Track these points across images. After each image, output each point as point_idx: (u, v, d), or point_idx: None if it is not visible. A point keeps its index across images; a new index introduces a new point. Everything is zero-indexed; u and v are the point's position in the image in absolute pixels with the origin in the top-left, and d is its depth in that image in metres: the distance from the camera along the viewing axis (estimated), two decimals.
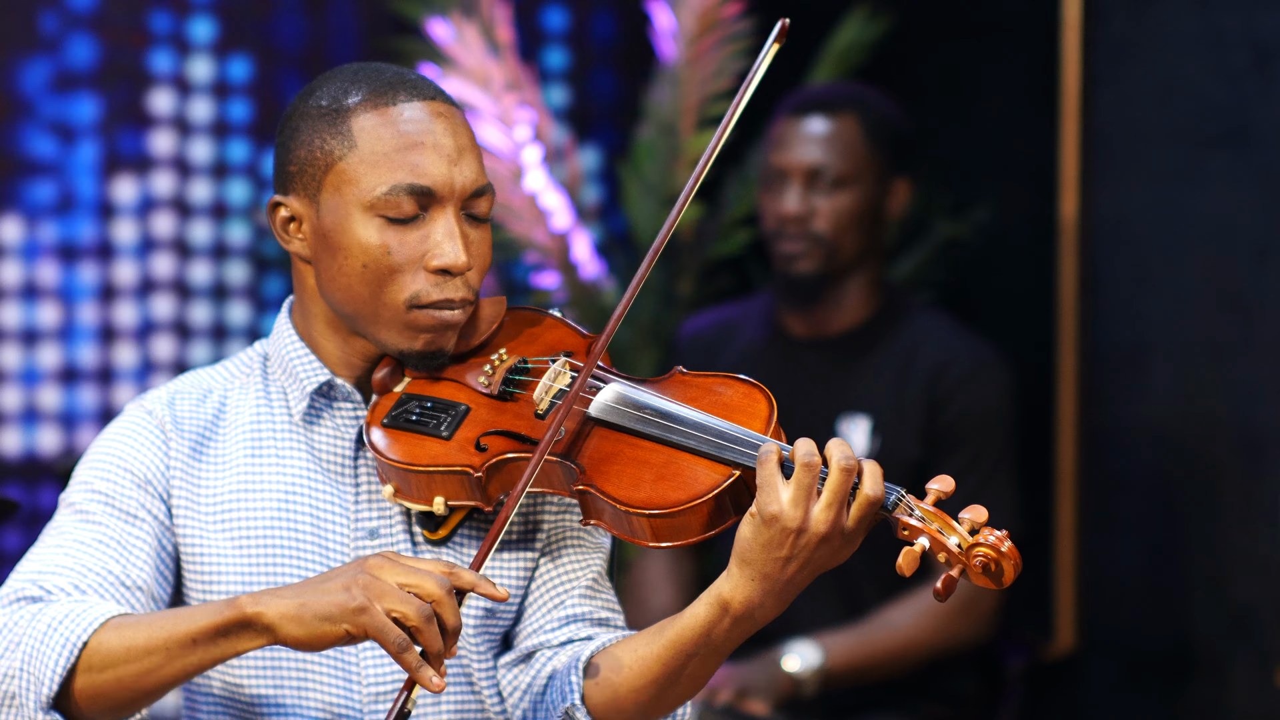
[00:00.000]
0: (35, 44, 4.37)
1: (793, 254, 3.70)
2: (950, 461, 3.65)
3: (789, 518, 2.03)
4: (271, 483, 2.26)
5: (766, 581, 2.06)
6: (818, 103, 3.72)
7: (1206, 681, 4.00)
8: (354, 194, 2.19)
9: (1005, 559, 2.05)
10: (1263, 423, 3.88)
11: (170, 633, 2.01)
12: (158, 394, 2.31)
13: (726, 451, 2.10)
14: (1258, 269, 3.90)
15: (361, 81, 2.22)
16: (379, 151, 2.18)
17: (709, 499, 2.09)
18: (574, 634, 2.28)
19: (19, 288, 4.39)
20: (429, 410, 2.23)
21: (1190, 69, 4.00)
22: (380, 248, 2.18)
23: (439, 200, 2.20)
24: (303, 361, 2.28)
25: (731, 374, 2.21)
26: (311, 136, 2.22)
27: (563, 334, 2.31)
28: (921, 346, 3.70)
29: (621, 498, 2.11)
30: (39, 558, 2.18)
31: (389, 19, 4.51)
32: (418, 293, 2.20)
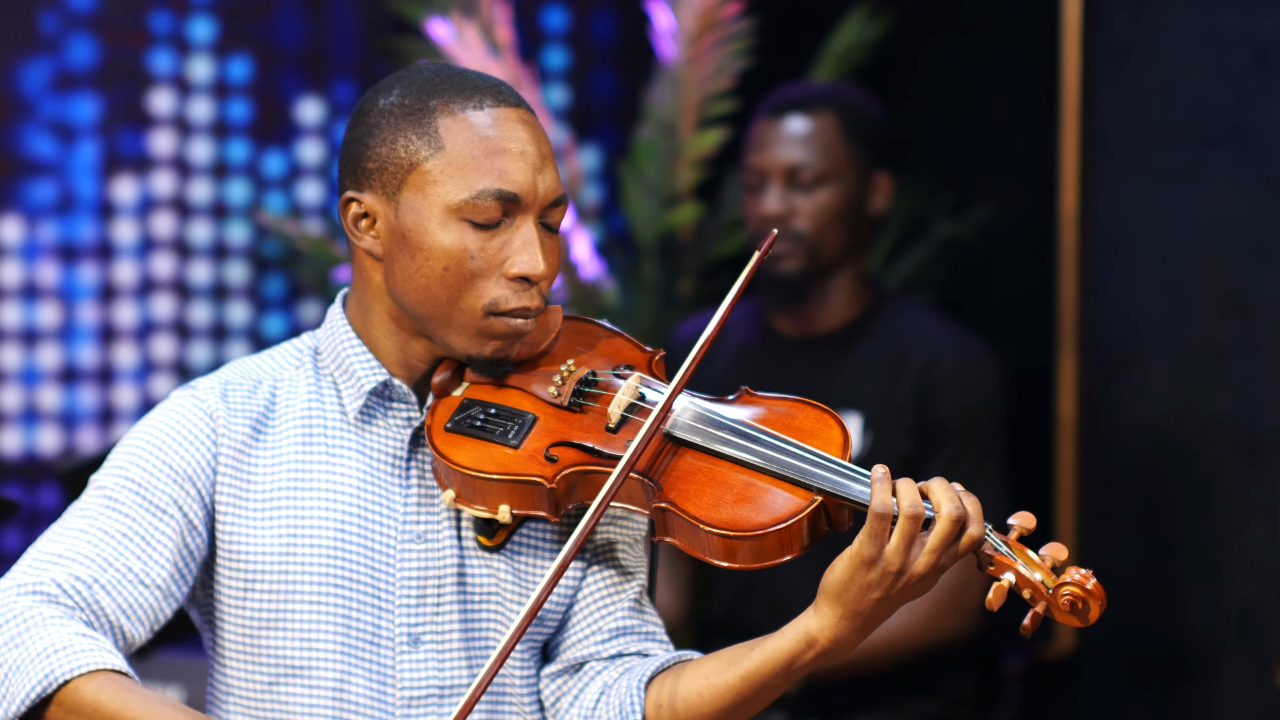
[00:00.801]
0: (35, 44, 4.37)
1: (775, 254, 3.71)
2: (940, 455, 3.65)
3: (891, 564, 2.06)
4: (321, 481, 2.24)
5: (857, 619, 2.09)
6: (794, 103, 3.73)
7: (1205, 681, 3.99)
8: (439, 195, 2.17)
9: (1092, 597, 2.07)
10: (1262, 423, 3.88)
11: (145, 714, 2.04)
12: (209, 384, 2.27)
13: (810, 477, 2.11)
14: (1258, 269, 3.90)
15: (446, 83, 2.20)
16: (467, 154, 2.17)
17: (792, 524, 2.10)
18: (624, 648, 2.28)
19: (19, 288, 4.39)
20: (494, 417, 2.22)
21: (1190, 69, 4.00)
22: (463, 251, 2.17)
23: (522, 207, 2.19)
24: (360, 360, 2.26)
25: (801, 398, 2.22)
26: (394, 134, 2.19)
27: (620, 345, 2.31)
28: (911, 342, 3.71)
29: (704, 518, 2.11)
30: (63, 540, 2.16)
31: (389, 19, 4.51)
32: (496, 299, 2.19)
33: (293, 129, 4.57)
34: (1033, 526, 2.10)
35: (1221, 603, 3.95)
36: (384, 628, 2.23)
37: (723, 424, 2.17)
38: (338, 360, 2.27)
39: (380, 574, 2.23)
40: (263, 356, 2.32)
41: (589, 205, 4.54)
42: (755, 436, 2.16)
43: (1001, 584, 2.07)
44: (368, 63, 4.58)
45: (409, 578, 2.23)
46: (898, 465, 3.62)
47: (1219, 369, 3.95)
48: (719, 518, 2.11)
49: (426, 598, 2.24)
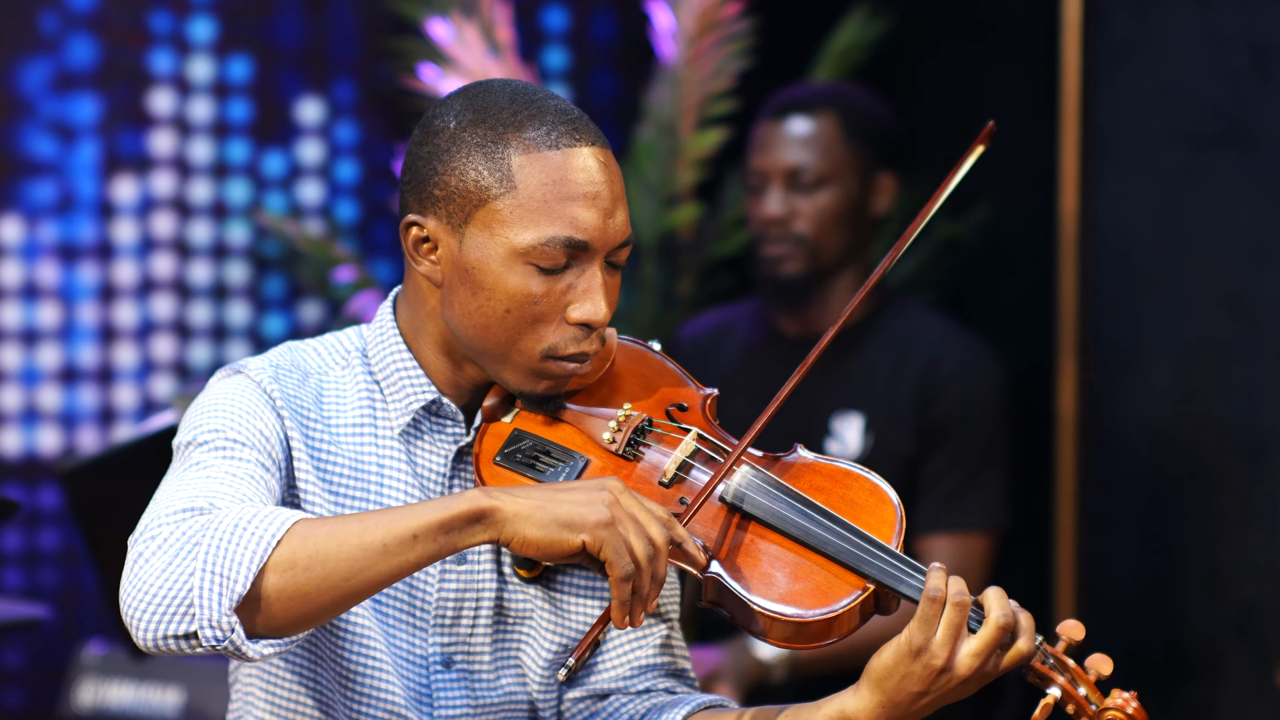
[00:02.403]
0: (35, 44, 4.37)
1: (777, 256, 3.71)
2: (941, 455, 3.66)
3: (936, 656, 2.05)
4: (370, 491, 2.20)
5: (895, 709, 2.08)
6: (795, 104, 3.72)
7: (1205, 682, 3.99)
8: (507, 237, 2.11)
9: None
10: (1262, 423, 3.88)
11: (389, 528, 1.92)
12: (259, 364, 2.19)
13: (864, 565, 2.09)
14: (1258, 269, 3.90)
15: (523, 113, 2.13)
16: (539, 197, 2.10)
17: (843, 613, 2.08)
18: (652, 684, 2.26)
19: (19, 288, 4.39)
20: (547, 455, 2.17)
21: (1190, 69, 4.00)
22: (527, 296, 2.11)
23: (590, 254, 2.13)
24: (410, 376, 2.21)
25: (856, 467, 2.19)
26: (465, 165, 2.12)
27: (676, 384, 2.25)
28: (913, 343, 3.71)
29: (755, 596, 2.08)
30: (188, 485, 2.03)
31: (389, 19, 4.51)
32: (555, 344, 2.14)
33: (293, 129, 4.57)
34: (1081, 638, 2.10)
35: (1222, 603, 3.95)
36: (419, 647, 2.21)
37: (778, 495, 2.14)
38: (386, 371, 2.22)
39: (417, 595, 2.20)
40: (308, 348, 2.26)
41: None
42: (813, 516, 2.13)
43: (1047, 700, 2.07)
44: (368, 63, 4.58)
45: (446, 600, 2.21)
46: (900, 466, 3.65)
47: (1219, 369, 3.95)
48: (770, 596, 2.08)
49: (462, 620, 2.22)
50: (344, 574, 1.93)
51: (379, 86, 4.57)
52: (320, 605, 1.93)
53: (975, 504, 3.66)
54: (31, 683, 4.46)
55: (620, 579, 1.94)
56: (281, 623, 1.94)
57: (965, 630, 2.05)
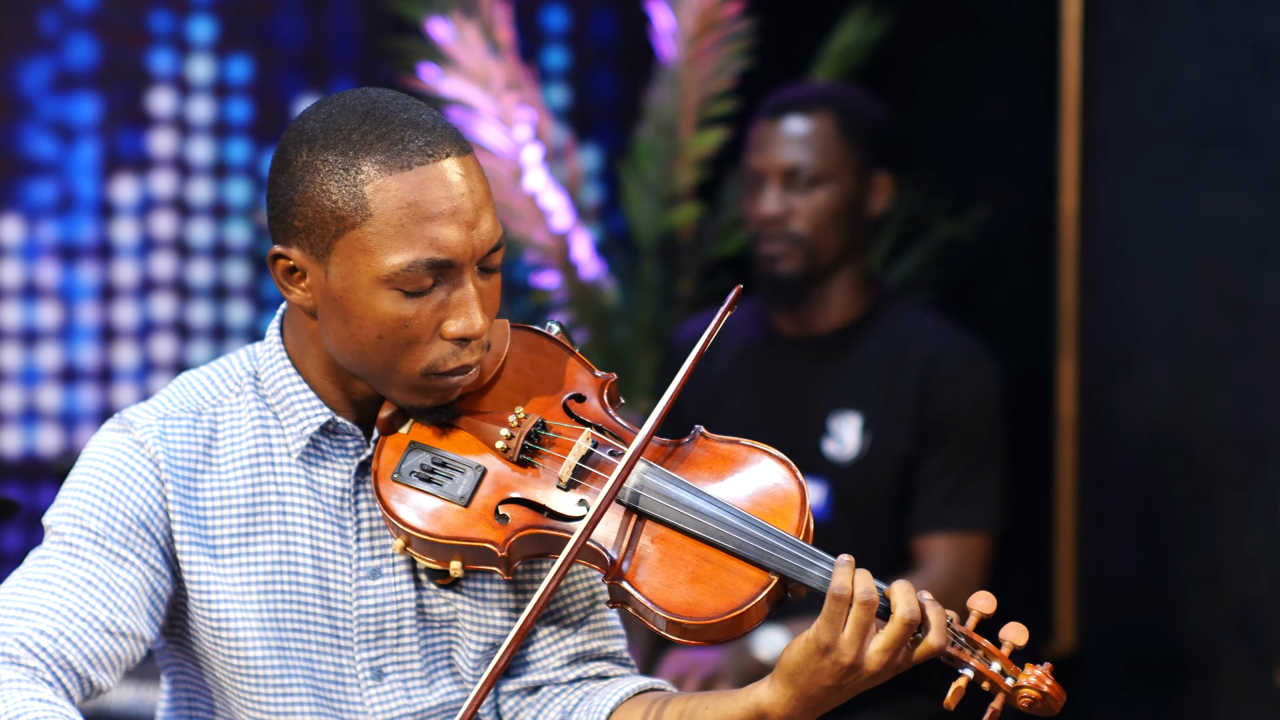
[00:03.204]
0: (35, 44, 4.37)
1: (773, 255, 3.71)
2: (937, 454, 3.66)
3: (844, 654, 2.02)
4: (274, 522, 2.18)
5: (809, 702, 2.06)
6: (792, 103, 3.73)
7: (1206, 681, 3.99)
8: (369, 265, 2.06)
9: (1050, 699, 2.04)
10: (1262, 423, 3.88)
11: None
12: (146, 420, 2.17)
13: (765, 558, 2.06)
14: (1258, 269, 3.90)
15: (372, 134, 2.09)
16: (397, 223, 2.05)
17: (745, 609, 2.05)
18: (583, 672, 2.25)
19: (19, 288, 4.39)
20: (443, 467, 2.14)
21: (1190, 69, 4.00)
22: (398, 320, 2.07)
23: (457, 269, 2.08)
24: (302, 400, 2.18)
25: (757, 444, 2.14)
26: (319, 195, 2.08)
27: (573, 371, 2.21)
28: (911, 343, 3.71)
29: (657, 601, 2.06)
30: (26, 593, 2.09)
31: (389, 19, 4.51)
32: (434, 362, 2.10)
33: None
34: (992, 611, 2.05)
35: (1221, 602, 3.95)
36: (345, 665, 2.19)
37: (678, 495, 2.10)
38: (278, 396, 2.19)
39: (336, 614, 2.19)
40: (201, 379, 2.23)
41: (589, 205, 4.54)
42: (710, 513, 2.08)
43: (959, 683, 2.03)
44: (368, 63, 4.58)
45: (366, 615, 2.19)
46: (896, 464, 3.65)
47: (1219, 369, 3.95)
48: (673, 600, 2.05)
49: (385, 632, 2.20)
50: None
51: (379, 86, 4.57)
52: None
53: (972, 504, 3.66)
54: None
55: None
56: None
57: (873, 627, 2.02)
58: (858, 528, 3.67)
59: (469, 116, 4.28)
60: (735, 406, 3.79)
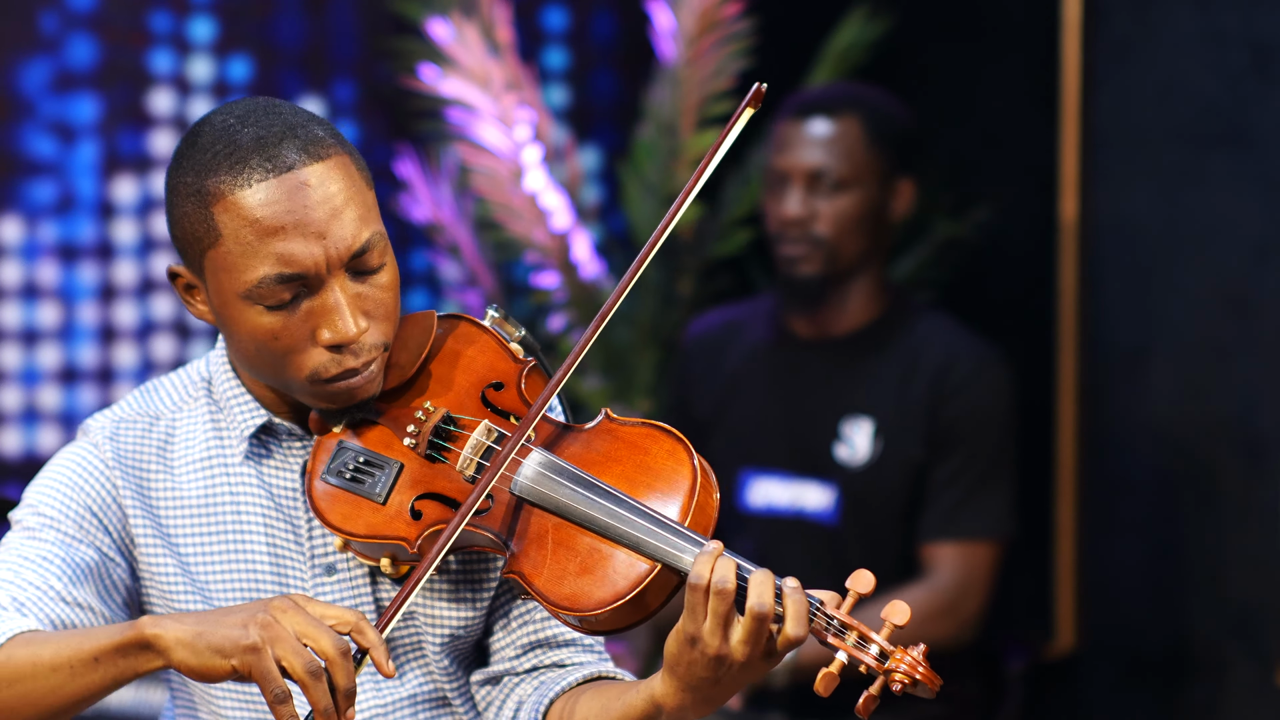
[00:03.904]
0: (35, 44, 4.37)
1: (795, 257, 3.70)
2: (948, 461, 3.65)
3: (708, 644, 2.00)
4: (228, 522, 2.21)
5: (695, 693, 2.04)
6: (819, 104, 3.72)
7: (1206, 682, 4.00)
8: (229, 283, 2.09)
9: (920, 686, 2.01)
10: (1263, 423, 3.88)
11: (75, 650, 1.97)
12: (100, 425, 2.24)
13: (645, 546, 2.04)
14: (1258, 269, 3.90)
15: (219, 156, 2.09)
16: (243, 243, 2.06)
17: (630, 598, 2.05)
18: (539, 660, 2.26)
19: (19, 288, 4.39)
20: (363, 466, 2.16)
21: (1190, 69, 4.00)
22: (267, 332, 2.10)
23: (315, 279, 2.08)
24: (239, 402, 2.22)
25: (660, 426, 2.13)
26: (183, 218, 2.11)
27: (494, 358, 2.20)
28: (925, 348, 3.70)
29: (547, 593, 2.07)
30: None
31: (389, 19, 4.51)
32: (315, 369, 2.11)
33: None
34: (869, 590, 2.01)
35: (1222, 603, 3.95)
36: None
37: (564, 482, 2.09)
38: (224, 401, 2.23)
39: None
40: (163, 386, 2.28)
41: (589, 205, 4.54)
42: (595, 501, 2.08)
43: (830, 669, 2.00)
44: (368, 63, 4.58)
45: None
46: (909, 471, 3.65)
47: (1220, 369, 3.95)
48: (561, 593, 2.06)
49: None
50: (40, 692, 1.99)
51: (379, 86, 4.57)
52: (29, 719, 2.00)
53: (981, 512, 3.65)
54: None
55: (273, 703, 1.91)
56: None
57: (735, 617, 2.00)
58: (866, 533, 3.67)
59: (469, 116, 4.28)
60: (746, 406, 3.79)
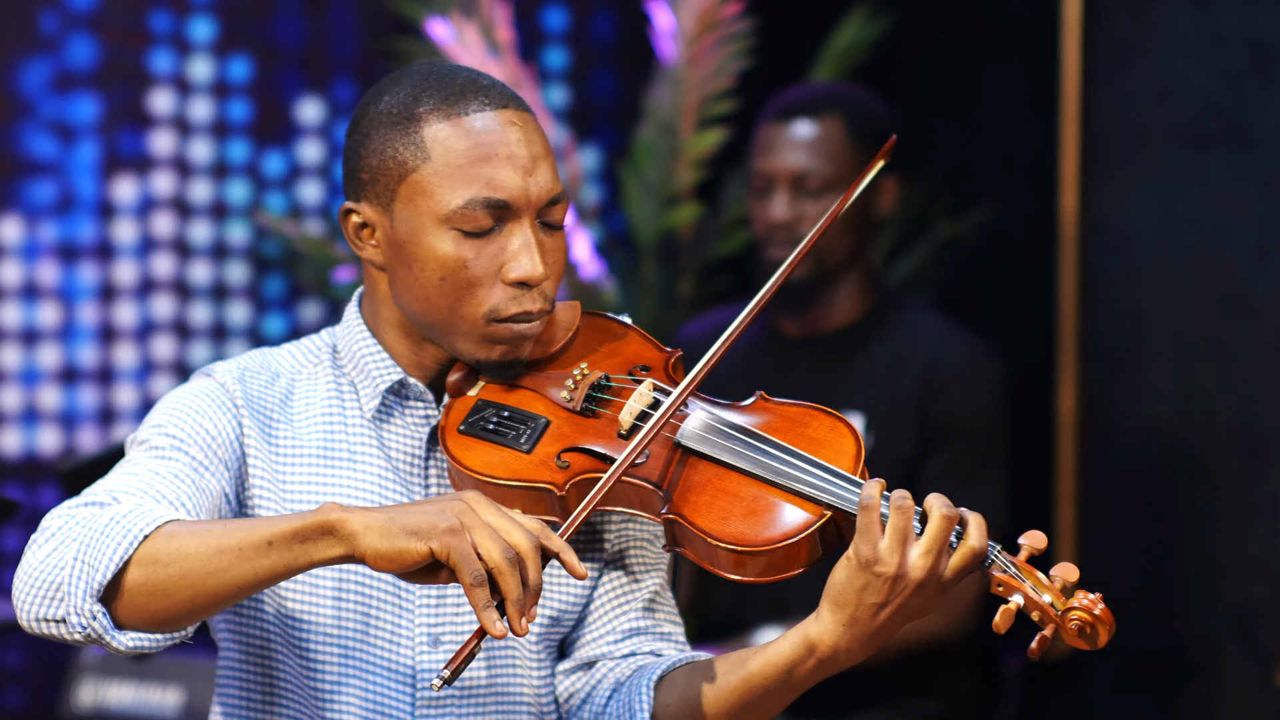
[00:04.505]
0: (35, 44, 4.37)
1: (782, 260, 3.70)
2: (940, 455, 3.65)
3: (886, 564, 2.03)
4: (344, 480, 2.22)
5: (857, 626, 2.07)
6: (801, 106, 3.71)
7: (1205, 681, 4.00)
8: (429, 207, 2.15)
9: (1100, 622, 2.06)
10: (1262, 423, 3.88)
11: (246, 533, 1.95)
12: (226, 367, 2.25)
13: (820, 491, 2.10)
14: (1258, 269, 3.90)
15: (433, 87, 2.18)
16: (453, 164, 2.15)
17: (801, 539, 2.09)
18: (638, 647, 2.27)
19: (19, 288, 4.39)
20: (507, 420, 2.20)
21: (1190, 69, 4.00)
22: (457, 261, 2.15)
23: (515, 212, 2.16)
24: (375, 359, 2.24)
25: (817, 406, 2.20)
26: (383, 145, 2.17)
27: (639, 347, 2.28)
28: (914, 343, 3.70)
29: (712, 531, 2.10)
30: (109, 481, 2.09)
31: (389, 19, 4.51)
32: (495, 306, 2.17)
33: (293, 129, 4.57)
34: (1043, 546, 2.09)
35: (1221, 602, 3.95)
36: (404, 627, 2.22)
37: (732, 434, 2.16)
38: (354, 360, 2.26)
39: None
40: (281, 351, 2.30)
41: (589, 205, 4.54)
42: (764, 449, 2.14)
43: (1009, 606, 2.05)
44: (368, 63, 4.58)
45: None
46: (899, 466, 3.65)
47: (1219, 369, 3.95)
48: (727, 532, 2.10)
49: (447, 598, 2.23)
50: (201, 573, 1.96)
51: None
52: (180, 603, 1.97)
53: (975, 505, 3.64)
54: (31, 683, 4.46)
55: (471, 585, 1.92)
56: (144, 616, 1.98)
57: (912, 534, 2.04)
58: None
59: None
60: None
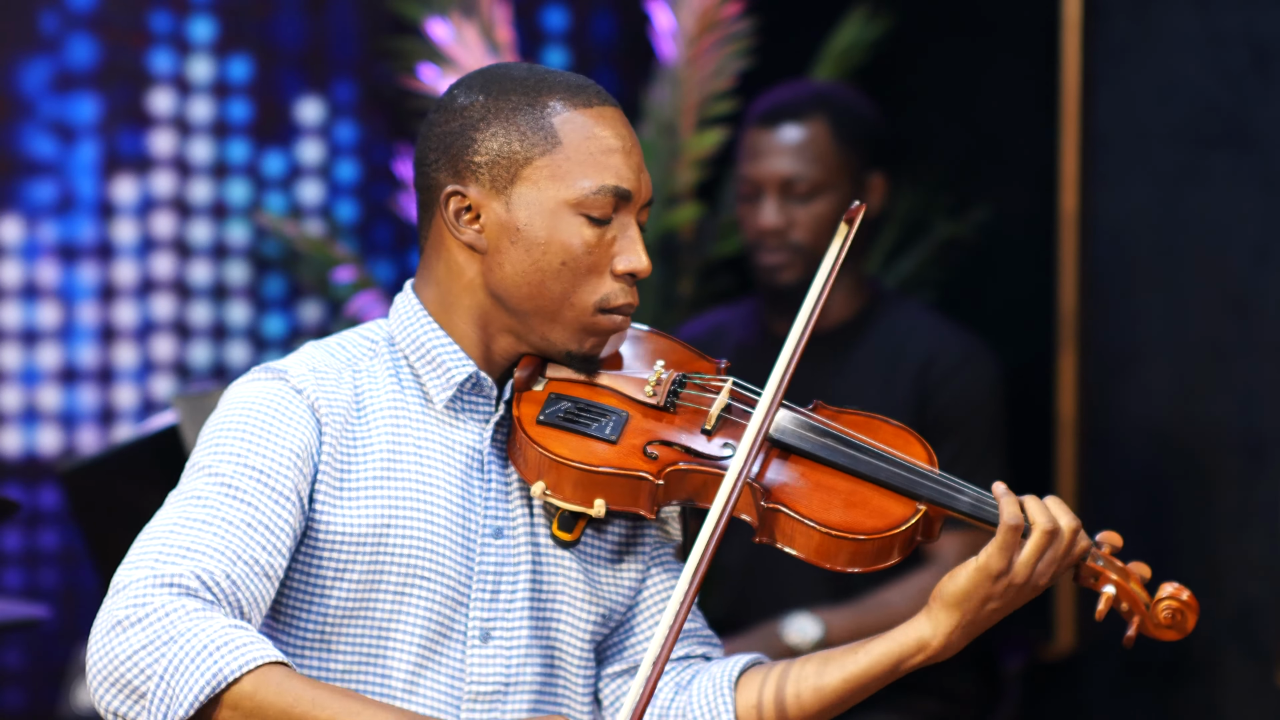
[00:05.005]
0: (35, 44, 4.37)
1: (775, 265, 3.70)
2: (938, 453, 3.65)
3: (1019, 576, 2.16)
4: (412, 471, 2.22)
5: (972, 626, 2.18)
6: (785, 110, 3.70)
7: (1205, 682, 3.99)
8: (558, 190, 2.20)
9: (1189, 608, 2.21)
10: (1262, 423, 3.88)
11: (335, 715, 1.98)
12: (298, 370, 2.21)
13: (917, 487, 2.21)
14: (1258, 269, 3.90)
15: (551, 80, 2.24)
16: (585, 150, 2.21)
17: (899, 532, 2.17)
18: (689, 650, 2.31)
19: (19, 288, 4.39)
20: (587, 412, 2.24)
21: (1190, 69, 4.00)
22: (582, 246, 2.20)
23: (630, 205, 2.23)
24: (448, 351, 2.24)
25: (875, 414, 2.29)
26: (507, 128, 2.21)
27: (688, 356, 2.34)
28: (908, 341, 3.70)
29: (816, 518, 2.16)
30: (188, 531, 2.08)
31: (389, 19, 4.51)
32: (607, 295, 2.22)
33: (293, 129, 4.57)
34: (1120, 544, 2.21)
35: (1221, 603, 3.95)
36: (458, 621, 2.22)
37: (826, 433, 2.23)
38: (421, 351, 2.25)
39: (462, 568, 2.22)
40: (333, 345, 2.28)
41: None
42: (859, 447, 2.23)
43: (1107, 594, 2.19)
44: (368, 63, 4.58)
45: (486, 573, 2.23)
46: None
47: (1219, 369, 3.95)
48: (830, 519, 2.16)
49: (500, 593, 2.23)
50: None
51: (379, 86, 4.57)
52: None
53: None
54: (31, 683, 4.46)
55: None
56: None
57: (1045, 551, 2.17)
58: None
59: None
60: None
